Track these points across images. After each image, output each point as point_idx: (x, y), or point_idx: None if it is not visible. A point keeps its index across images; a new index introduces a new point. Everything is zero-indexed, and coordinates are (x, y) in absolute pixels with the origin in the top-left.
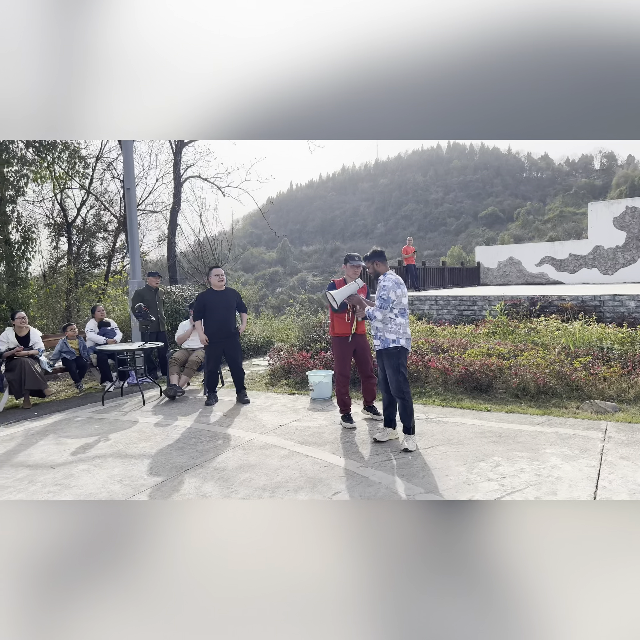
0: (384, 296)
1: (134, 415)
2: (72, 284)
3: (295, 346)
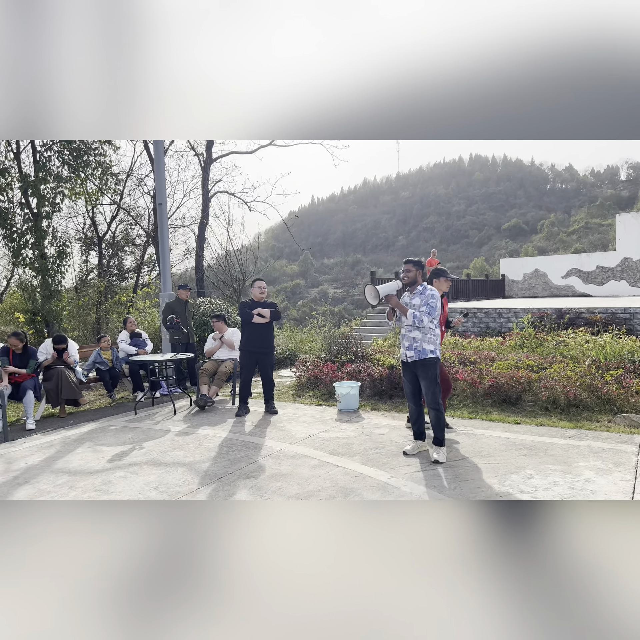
0: (432, 304)
1: (166, 424)
2: (102, 296)
3: (321, 358)
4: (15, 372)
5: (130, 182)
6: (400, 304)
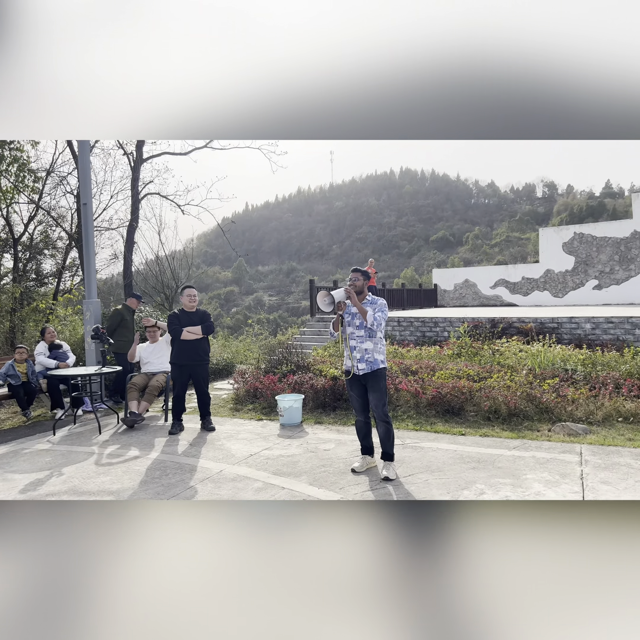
0: (385, 314)
1: (90, 445)
2: (17, 303)
3: (261, 369)
4: None
5: (51, 181)
6: (359, 304)
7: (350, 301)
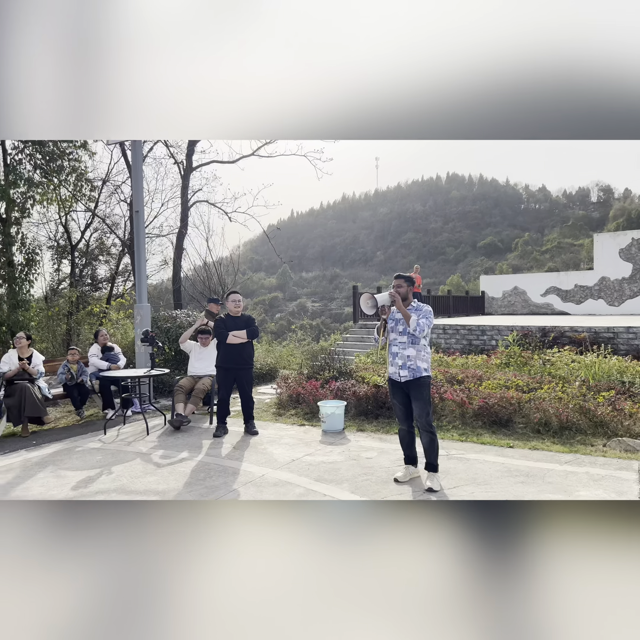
0: (431, 319)
1: (138, 446)
2: (73, 307)
3: (304, 374)
4: None
5: (107, 190)
6: (404, 308)
7: (395, 306)
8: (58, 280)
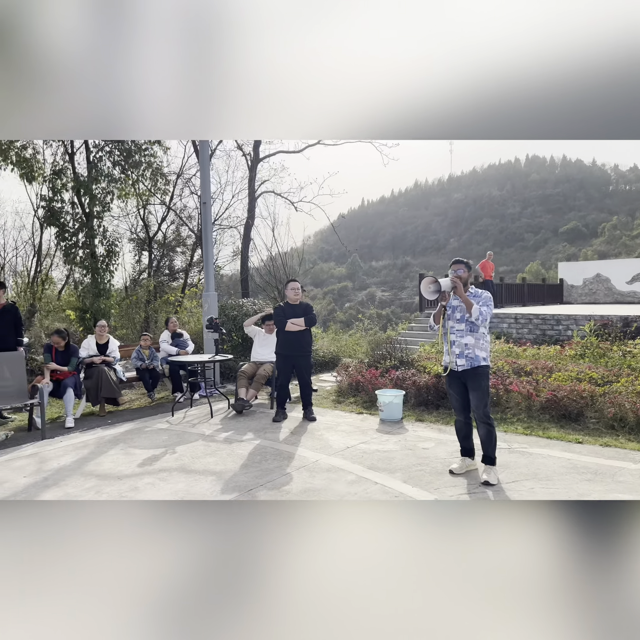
0: (491, 309)
1: (202, 427)
2: (151, 295)
3: (364, 363)
4: (57, 370)
5: (181, 183)
6: (465, 295)
7: (456, 292)
8: (139, 270)
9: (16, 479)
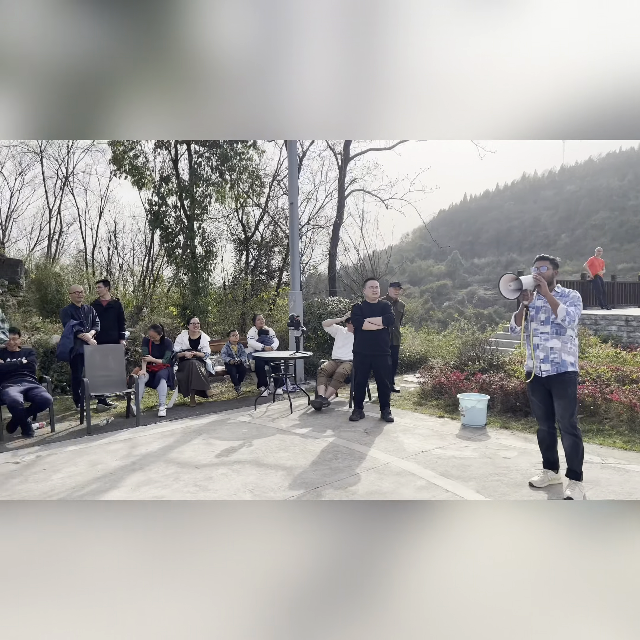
0: (579, 309)
1: (280, 422)
2: (247, 294)
3: (450, 364)
4: (152, 362)
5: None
6: (550, 294)
7: (540, 291)
8: (239, 270)
9: (109, 462)
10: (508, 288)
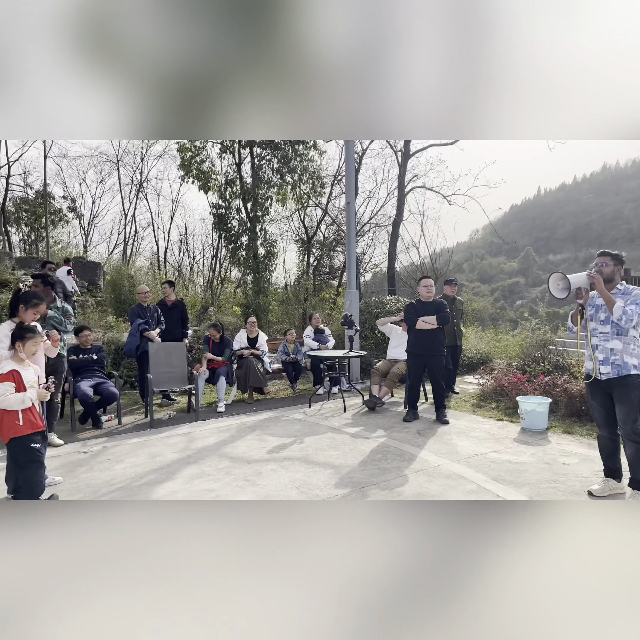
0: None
1: (333, 421)
2: (309, 293)
3: (512, 366)
4: (212, 359)
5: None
6: (606, 292)
7: (595, 288)
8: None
9: (167, 454)
10: (557, 287)
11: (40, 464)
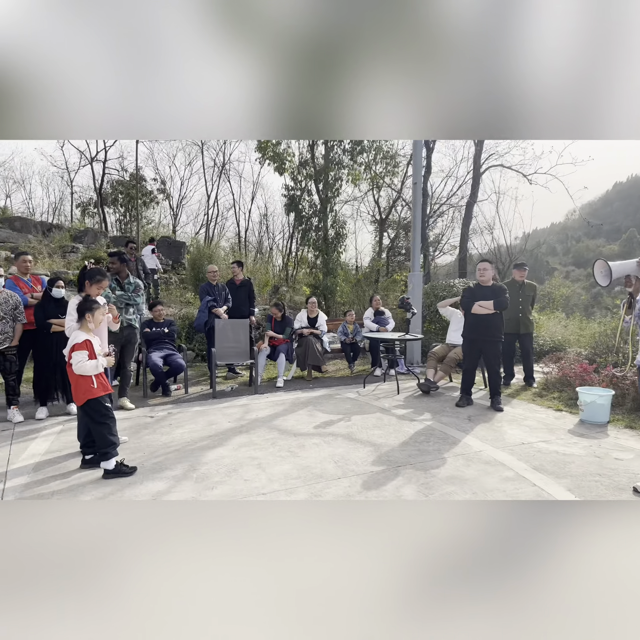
0: None
1: (384, 402)
2: (379, 274)
3: (582, 355)
4: (274, 337)
5: None
6: None
7: None
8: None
9: (223, 423)
10: (600, 275)
11: (113, 420)
